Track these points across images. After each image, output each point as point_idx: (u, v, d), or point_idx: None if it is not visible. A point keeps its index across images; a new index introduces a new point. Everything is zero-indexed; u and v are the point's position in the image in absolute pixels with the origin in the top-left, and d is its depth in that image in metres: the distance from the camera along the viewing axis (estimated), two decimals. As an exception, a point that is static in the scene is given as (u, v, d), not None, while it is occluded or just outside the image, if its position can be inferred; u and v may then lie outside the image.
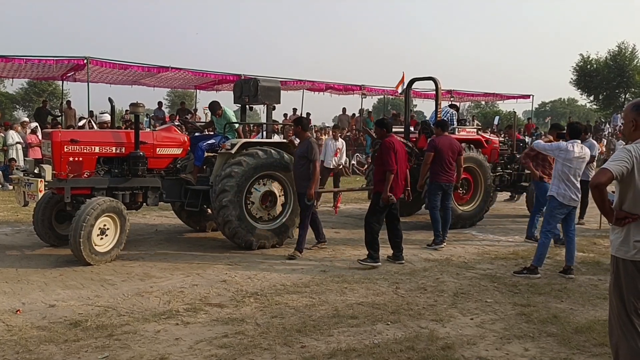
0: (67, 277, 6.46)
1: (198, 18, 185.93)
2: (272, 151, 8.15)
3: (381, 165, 7.32)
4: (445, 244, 8.53)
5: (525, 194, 11.69)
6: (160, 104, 22.93)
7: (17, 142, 15.61)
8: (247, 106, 9.22)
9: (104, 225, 7.11)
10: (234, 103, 9.39)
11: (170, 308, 5.42)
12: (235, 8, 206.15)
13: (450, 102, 14.17)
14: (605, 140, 27.01)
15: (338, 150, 12.33)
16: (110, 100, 8.34)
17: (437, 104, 10.42)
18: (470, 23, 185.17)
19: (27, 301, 5.57)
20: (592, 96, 45.04)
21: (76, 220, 6.83)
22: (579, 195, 6.79)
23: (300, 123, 7.94)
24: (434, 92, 10.85)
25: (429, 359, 4.28)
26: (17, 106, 56.37)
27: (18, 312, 5.22)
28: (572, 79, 45.00)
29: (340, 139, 12.78)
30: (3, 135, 15.69)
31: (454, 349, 4.50)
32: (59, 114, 21.39)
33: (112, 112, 8.87)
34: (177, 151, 8.25)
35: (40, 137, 14.35)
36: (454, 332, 4.91)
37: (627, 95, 42.49)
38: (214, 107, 8.94)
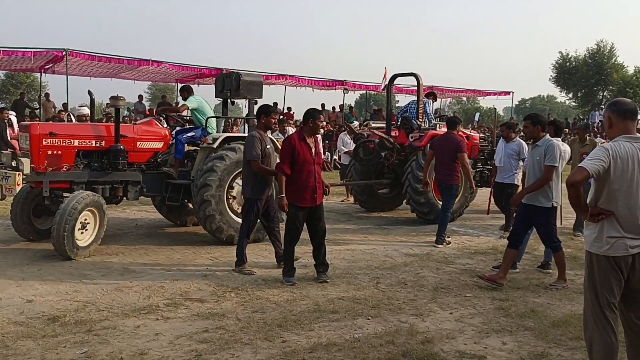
0: (45, 272, 6.38)
1: (180, 10, 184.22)
2: None
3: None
4: (443, 245, 8.37)
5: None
6: (140, 97, 22.65)
7: None
8: (229, 100, 9.17)
9: (85, 219, 7.03)
10: (215, 97, 9.30)
11: (150, 303, 5.39)
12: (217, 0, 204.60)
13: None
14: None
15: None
16: (89, 92, 8.22)
17: (418, 100, 10.49)
18: (452, 18, 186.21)
19: (4, 296, 5.50)
20: (571, 93, 45.74)
21: (60, 214, 6.72)
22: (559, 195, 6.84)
23: None
24: (416, 88, 10.90)
25: (408, 353, 4.32)
26: (-6, 98, 55.37)
27: (-5, 308, 5.16)
28: (551, 76, 45.66)
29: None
30: None
31: (433, 343, 4.54)
32: (37, 107, 21.05)
33: (92, 105, 8.73)
34: (158, 145, 8.17)
35: (17, 129, 14.05)
36: (433, 326, 4.96)
37: (605, 93, 43.25)
38: (181, 90, 8.92)
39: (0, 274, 6.26)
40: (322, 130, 13.35)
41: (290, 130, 12.22)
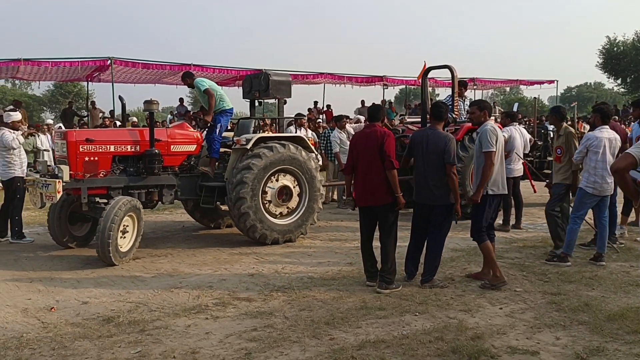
0: (99, 275, 6.58)
1: (217, 15, 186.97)
2: (277, 146, 7.99)
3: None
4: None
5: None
6: (181, 100, 23.04)
7: (44, 150, 15.55)
8: (257, 100, 9.12)
9: (125, 224, 7.07)
10: (243, 98, 9.19)
11: (200, 303, 5.49)
12: (254, 4, 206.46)
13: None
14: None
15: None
16: (120, 98, 8.33)
17: (453, 93, 10.30)
18: (493, 9, 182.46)
19: (61, 299, 5.70)
20: (620, 79, 44.08)
21: (104, 222, 6.75)
22: (611, 182, 6.63)
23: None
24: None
25: (458, 349, 4.26)
26: (45, 108, 57.58)
27: (52, 310, 5.35)
28: (598, 62, 44.11)
29: (348, 127, 12.42)
30: (34, 137, 15.81)
31: (483, 338, 4.47)
32: (85, 115, 21.72)
33: (123, 111, 8.84)
34: (191, 148, 8.18)
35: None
36: (483, 322, 4.88)
37: (656, 78, 41.50)
38: (183, 76, 8.66)
39: (56, 278, 6.50)
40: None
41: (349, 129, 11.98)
